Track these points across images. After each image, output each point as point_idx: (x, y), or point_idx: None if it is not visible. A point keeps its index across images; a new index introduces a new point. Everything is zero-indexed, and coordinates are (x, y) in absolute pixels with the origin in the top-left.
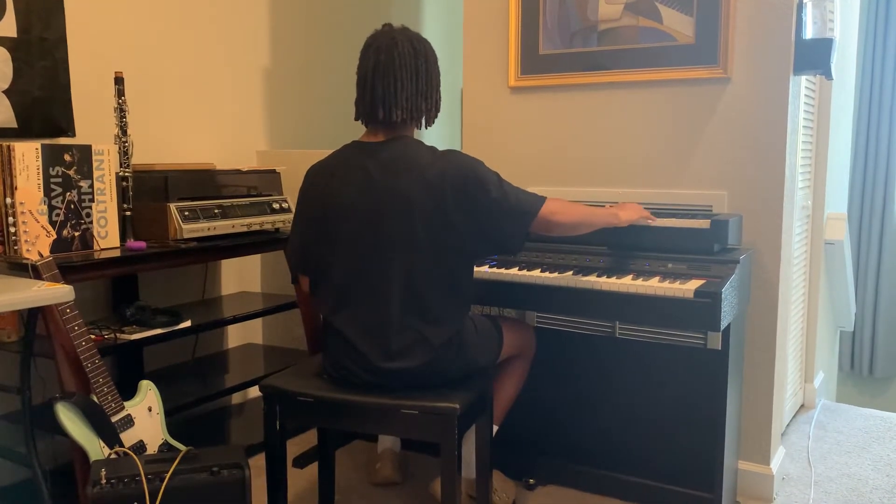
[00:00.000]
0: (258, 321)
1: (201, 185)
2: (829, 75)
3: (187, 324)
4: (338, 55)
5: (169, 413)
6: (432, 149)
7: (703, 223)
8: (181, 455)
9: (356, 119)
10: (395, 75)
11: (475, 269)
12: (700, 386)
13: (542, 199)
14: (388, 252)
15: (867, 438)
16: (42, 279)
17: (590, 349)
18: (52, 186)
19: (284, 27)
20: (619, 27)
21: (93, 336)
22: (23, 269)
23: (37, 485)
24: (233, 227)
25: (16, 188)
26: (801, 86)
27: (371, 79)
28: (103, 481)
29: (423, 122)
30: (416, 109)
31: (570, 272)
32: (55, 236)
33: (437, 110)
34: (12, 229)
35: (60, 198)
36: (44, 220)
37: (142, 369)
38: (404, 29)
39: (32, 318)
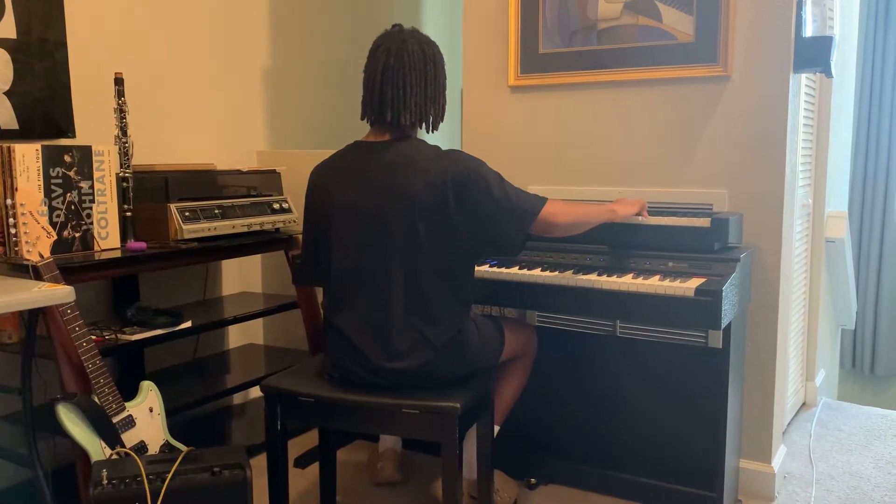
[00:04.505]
0: (259, 321)
1: (202, 185)
2: (829, 73)
3: (188, 324)
4: (338, 55)
5: (170, 413)
6: (435, 148)
7: (704, 222)
8: (182, 455)
9: (362, 119)
10: (405, 79)
11: (476, 268)
12: (701, 384)
13: (543, 200)
14: (389, 251)
15: (869, 436)
16: (43, 280)
17: (591, 348)
18: (53, 187)
19: (284, 27)
20: (618, 26)
21: (94, 337)
22: (23, 270)
23: (38, 486)
24: (233, 227)
25: (16, 189)
26: (801, 84)
27: (380, 81)
28: (105, 482)
29: (430, 126)
30: (424, 113)
31: (571, 271)
32: (56, 237)
33: (443, 115)
34: (13, 230)
35: (61, 199)
36: (44, 220)
37: (143, 370)
38: (414, 31)
39: (33, 319)
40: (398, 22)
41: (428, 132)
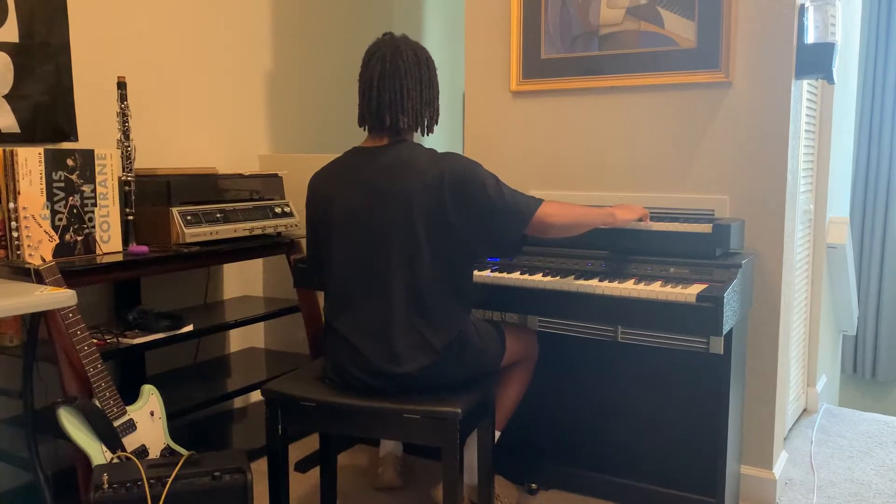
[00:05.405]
0: (260, 325)
1: (203, 189)
2: (830, 79)
3: (189, 328)
4: (339, 59)
5: (171, 417)
6: (432, 151)
7: (705, 227)
8: (183, 459)
9: (360, 125)
10: (401, 83)
11: (477, 273)
12: (702, 390)
13: (539, 201)
14: (389, 254)
15: (870, 443)
16: (44, 284)
17: (592, 353)
18: (55, 191)
19: (286, 31)
20: (620, 31)
21: (95, 340)
22: (25, 273)
23: (39, 489)
24: (235, 231)
25: (19, 193)
26: (803, 90)
27: (377, 86)
28: (105, 486)
29: (426, 129)
30: (420, 116)
31: (572, 276)
32: (58, 241)
33: (438, 118)
34: (15, 234)
35: (63, 202)
36: (46, 224)
37: (144, 373)
38: (405, 37)
39: (35, 322)
40: (401, 27)
41: (424, 135)
